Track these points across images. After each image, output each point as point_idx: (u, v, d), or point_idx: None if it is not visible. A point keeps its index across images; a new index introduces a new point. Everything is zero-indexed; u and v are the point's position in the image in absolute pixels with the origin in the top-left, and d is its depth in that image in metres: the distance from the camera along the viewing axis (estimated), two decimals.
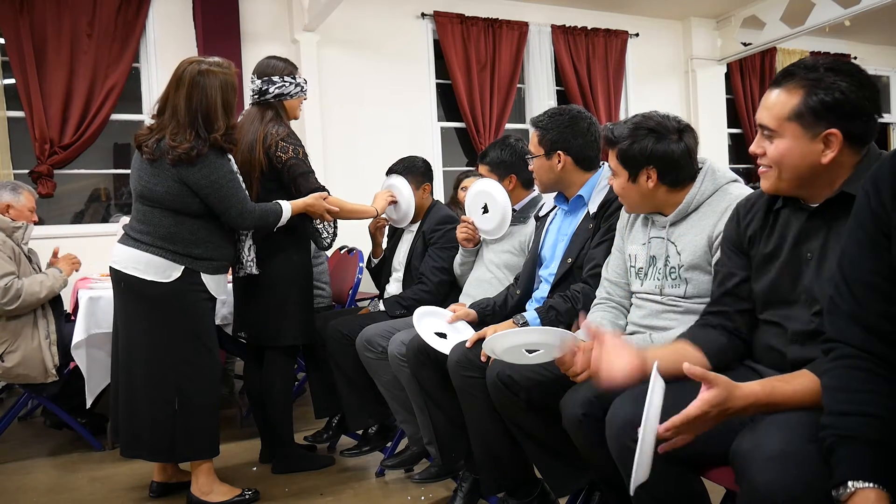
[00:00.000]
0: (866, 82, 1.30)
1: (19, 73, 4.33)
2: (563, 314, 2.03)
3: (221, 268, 2.47)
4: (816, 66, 1.32)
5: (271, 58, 2.72)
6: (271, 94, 2.64)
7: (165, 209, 2.33)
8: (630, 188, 1.77)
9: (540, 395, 1.81)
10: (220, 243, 2.43)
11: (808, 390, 1.19)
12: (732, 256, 1.53)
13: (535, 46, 5.94)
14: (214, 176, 2.31)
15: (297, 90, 2.69)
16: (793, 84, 1.32)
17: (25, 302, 2.93)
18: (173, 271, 2.32)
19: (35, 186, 4.33)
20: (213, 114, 2.31)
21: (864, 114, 1.28)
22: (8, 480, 2.85)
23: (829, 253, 1.31)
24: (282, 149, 2.58)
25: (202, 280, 2.38)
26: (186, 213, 2.34)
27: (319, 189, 2.63)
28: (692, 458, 1.41)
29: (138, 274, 2.32)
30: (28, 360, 2.95)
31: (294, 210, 2.56)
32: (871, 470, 1.00)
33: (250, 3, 4.99)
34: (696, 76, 6.61)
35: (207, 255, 2.38)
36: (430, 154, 5.47)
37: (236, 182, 2.38)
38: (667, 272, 1.74)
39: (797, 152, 1.32)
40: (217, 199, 2.33)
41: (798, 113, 1.30)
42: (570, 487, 2.00)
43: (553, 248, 2.23)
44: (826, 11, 5.71)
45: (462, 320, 2.34)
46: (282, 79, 2.64)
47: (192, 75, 2.30)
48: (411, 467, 2.72)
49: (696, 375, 1.15)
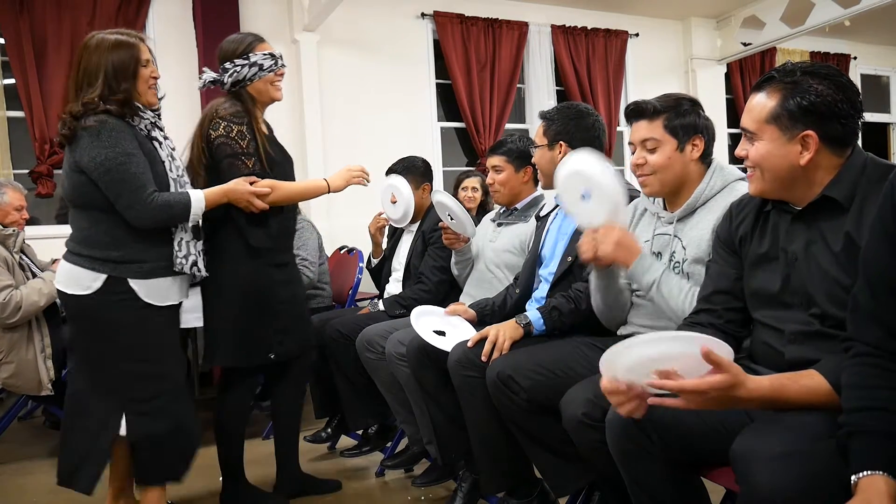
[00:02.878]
0: (844, 85, 1.32)
1: (19, 73, 4.32)
2: (566, 315, 2.03)
3: (155, 271, 2.06)
4: (794, 70, 1.35)
5: (227, 38, 2.32)
6: (227, 83, 2.27)
7: (77, 207, 2.06)
8: (676, 159, 1.75)
9: (540, 394, 1.81)
10: (147, 243, 2.05)
11: (814, 392, 1.19)
12: (724, 255, 1.54)
13: (535, 46, 5.93)
14: (101, 156, 1.94)
15: (255, 70, 2.26)
16: (772, 88, 1.36)
17: (26, 312, 2.87)
18: (94, 281, 2.00)
19: (35, 186, 4.33)
20: (92, 78, 2.00)
21: (840, 116, 1.30)
22: (8, 480, 2.85)
23: (813, 254, 1.33)
24: (213, 125, 2.20)
25: (131, 287, 2.02)
26: (95, 207, 2.01)
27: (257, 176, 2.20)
28: (692, 459, 1.41)
29: (62, 287, 2.05)
30: (22, 373, 2.91)
31: (210, 199, 2.12)
32: (879, 459, 1.01)
33: (250, 3, 4.99)
34: (696, 76, 6.61)
35: (130, 257, 2.02)
36: (430, 154, 5.47)
37: (132, 163, 1.97)
38: (670, 267, 1.75)
39: (776, 154, 1.35)
40: (105, 185, 1.96)
41: (775, 115, 1.34)
42: (570, 487, 1.99)
43: (553, 247, 2.23)
44: (826, 11, 5.71)
45: (460, 317, 2.34)
46: (233, 63, 2.25)
47: (78, 50, 2.06)
48: (411, 467, 2.72)
49: (713, 360, 1.14)
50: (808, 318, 1.33)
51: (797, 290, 1.36)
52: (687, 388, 1.16)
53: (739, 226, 1.51)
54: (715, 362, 1.14)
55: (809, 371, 1.22)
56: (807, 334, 1.33)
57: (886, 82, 8.03)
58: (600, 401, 1.53)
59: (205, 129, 2.24)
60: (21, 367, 2.91)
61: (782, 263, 1.39)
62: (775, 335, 1.39)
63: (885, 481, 0.99)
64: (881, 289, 1.12)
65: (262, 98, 2.31)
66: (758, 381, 1.19)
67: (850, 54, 7.48)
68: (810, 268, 1.33)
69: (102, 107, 1.99)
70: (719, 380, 1.15)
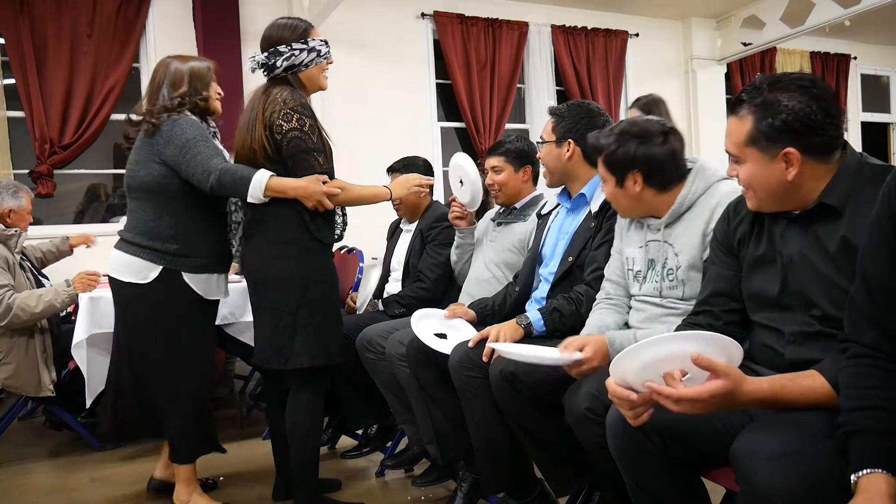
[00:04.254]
0: (818, 93, 1.30)
1: (19, 73, 4.33)
2: (567, 317, 2.03)
3: (207, 266, 2.27)
4: (761, 87, 1.34)
5: (277, 21, 2.22)
6: (280, 67, 2.16)
7: (147, 200, 2.23)
8: (619, 193, 1.80)
9: (543, 391, 1.81)
10: (203, 239, 2.25)
11: (815, 392, 1.19)
12: (721, 256, 1.54)
13: (535, 46, 5.93)
14: (185, 138, 2.15)
15: (314, 56, 2.19)
16: (743, 110, 1.35)
17: (18, 318, 2.81)
18: (151, 272, 2.19)
19: (35, 186, 4.33)
20: (177, 80, 2.25)
21: (816, 127, 1.29)
22: (8, 481, 2.85)
23: (809, 257, 1.33)
24: (285, 116, 2.10)
25: (185, 280, 2.22)
26: (167, 197, 2.20)
27: (323, 173, 2.16)
28: (693, 459, 1.41)
29: (117, 276, 2.24)
30: (21, 374, 2.91)
31: (276, 187, 2.10)
32: (878, 457, 1.01)
33: (250, 3, 4.99)
34: (696, 76, 6.60)
35: (187, 251, 2.21)
36: (430, 154, 5.47)
37: (207, 142, 2.17)
38: (664, 274, 1.74)
39: (762, 174, 1.35)
40: (186, 163, 2.14)
41: (752, 138, 1.34)
42: (571, 487, 2.00)
43: (554, 246, 2.23)
44: (826, 11, 5.71)
45: (461, 319, 2.34)
46: (289, 47, 2.16)
47: (160, 63, 2.33)
48: (411, 467, 2.72)
49: (703, 365, 1.14)
50: (808, 318, 1.33)
51: (796, 293, 1.35)
52: (685, 396, 1.16)
53: (738, 227, 1.51)
54: (708, 367, 1.15)
55: (810, 371, 1.22)
56: (807, 335, 1.33)
57: (886, 82, 8.02)
58: (603, 396, 1.53)
59: (270, 118, 2.11)
60: (20, 368, 2.91)
61: (779, 266, 1.39)
62: (775, 336, 1.39)
63: (885, 479, 0.99)
64: (878, 291, 1.12)
65: (312, 86, 2.25)
66: (757, 383, 1.19)
67: (850, 54, 7.48)
68: (807, 271, 1.33)
69: (188, 103, 2.23)
70: (717, 386, 1.15)
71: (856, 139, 7.71)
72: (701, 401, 1.15)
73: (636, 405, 1.26)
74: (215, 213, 2.31)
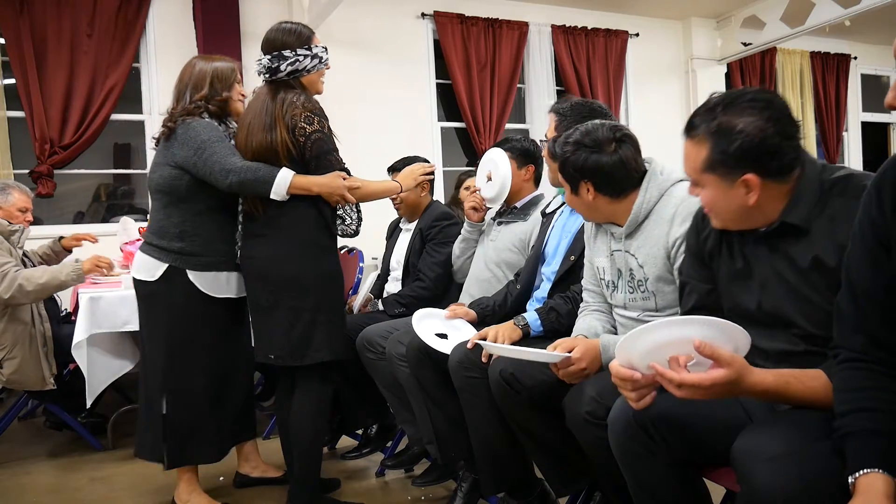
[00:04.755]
0: (774, 113, 1.27)
1: (19, 73, 4.33)
2: (563, 316, 2.03)
3: (214, 265, 2.29)
4: (715, 109, 1.30)
5: (281, 25, 2.27)
6: (283, 71, 2.22)
7: (159, 201, 2.31)
8: (575, 200, 1.83)
9: (542, 393, 1.81)
10: (212, 238, 2.29)
11: (818, 394, 1.19)
12: (696, 266, 1.52)
13: (535, 46, 5.93)
14: (200, 139, 2.19)
15: (316, 63, 2.26)
16: (698, 136, 1.33)
17: (22, 290, 2.79)
18: (157, 269, 2.26)
19: (35, 186, 4.33)
20: (200, 82, 2.30)
21: (773, 150, 1.26)
22: (8, 480, 2.85)
23: (782, 275, 1.32)
24: (306, 119, 2.17)
25: (189, 278, 2.25)
26: (177, 198, 2.26)
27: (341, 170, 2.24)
28: (694, 458, 1.41)
29: (133, 273, 2.35)
30: (25, 368, 2.92)
31: (299, 185, 2.16)
32: (875, 457, 1.01)
33: (250, 3, 4.99)
34: (697, 76, 6.61)
35: (192, 250, 2.25)
36: (430, 154, 5.47)
37: (223, 142, 2.21)
38: (635, 285, 1.75)
39: (722, 199, 1.34)
40: (203, 163, 2.18)
41: (709, 165, 1.31)
42: (571, 488, 2.00)
43: (557, 244, 2.23)
44: (826, 11, 5.71)
45: (461, 319, 2.34)
46: (294, 52, 2.22)
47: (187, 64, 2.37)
48: (411, 467, 2.72)
49: (707, 353, 1.14)
50: (791, 337, 1.33)
51: (772, 312, 1.35)
52: (687, 382, 1.15)
53: (707, 240, 1.49)
54: (711, 356, 1.14)
55: (817, 372, 1.21)
56: (793, 354, 1.31)
57: (886, 82, 8.02)
58: (604, 399, 1.54)
59: (292, 121, 2.16)
60: (24, 363, 2.92)
61: (756, 282, 1.38)
62: (761, 354, 1.37)
63: (882, 479, 0.99)
64: (862, 298, 1.12)
65: (312, 90, 2.30)
66: (762, 376, 1.18)
67: (850, 54, 7.48)
68: (781, 289, 1.33)
69: (204, 107, 2.27)
70: (720, 375, 1.14)
71: (856, 139, 7.72)
72: (702, 388, 1.14)
73: (639, 386, 1.25)
74: (224, 213, 2.32)
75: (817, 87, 7.31)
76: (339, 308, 2.32)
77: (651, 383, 1.25)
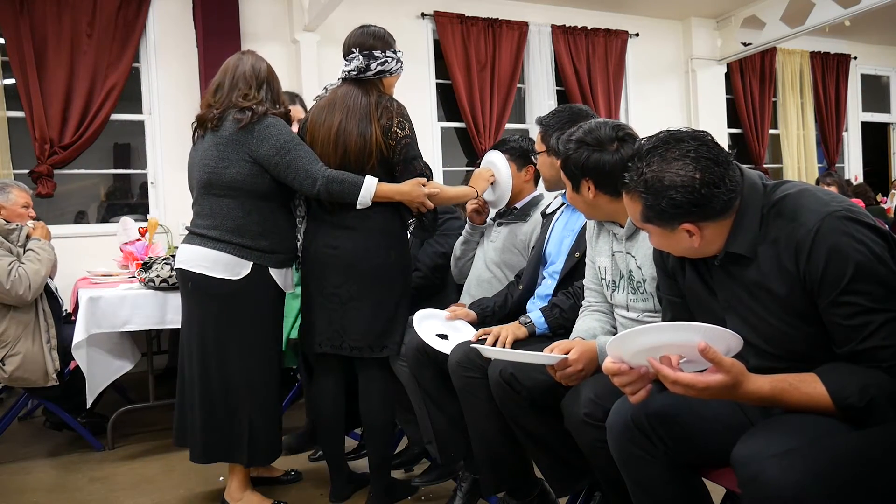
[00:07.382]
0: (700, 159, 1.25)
1: (19, 73, 4.33)
2: (566, 311, 2.04)
3: (287, 261, 2.34)
4: (644, 159, 1.30)
5: (368, 29, 2.41)
6: (373, 70, 2.32)
7: (234, 198, 2.22)
8: (576, 198, 1.83)
9: (542, 393, 1.81)
10: (286, 234, 2.32)
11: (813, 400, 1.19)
12: (666, 280, 1.54)
13: (535, 46, 5.94)
14: (282, 140, 2.18)
15: (399, 66, 2.41)
16: (630, 191, 1.35)
17: (36, 283, 2.87)
18: (242, 268, 2.22)
19: (35, 186, 4.33)
20: (260, 82, 2.27)
21: (706, 199, 1.25)
22: (8, 480, 2.85)
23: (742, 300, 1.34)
24: (399, 124, 2.27)
25: (271, 275, 2.27)
26: (255, 196, 2.23)
27: (422, 175, 2.31)
28: (693, 459, 1.42)
29: (206, 272, 2.22)
30: (28, 364, 2.92)
31: (383, 193, 2.24)
32: None
33: (250, 4, 4.99)
34: (696, 76, 6.61)
35: (273, 247, 2.26)
36: (431, 154, 5.48)
37: (303, 146, 2.23)
38: (634, 286, 1.76)
39: (667, 243, 1.37)
40: (286, 165, 2.18)
41: (646, 218, 1.34)
42: (571, 488, 2.00)
43: (559, 244, 2.23)
44: (826, 11, 5.71)
45: (461, 319, 2.34)
46: (384, 53, 2.35)
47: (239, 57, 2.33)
48: (411, 467, 2.72)
49: (710, 358, 1.16)
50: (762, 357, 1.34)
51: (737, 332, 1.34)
52: (682, 381, 1.17)
53: (668, 257, 1.50)
54: (713, 360, 1.15)
55: (812, 377, 1.22)
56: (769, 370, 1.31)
57: (886, 82, 8.03)
58: (602, 400, 1.54)
59: (387, 124, 2.26)
60: (28, 359, 2.92)
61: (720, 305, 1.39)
62: None
63: None
64: None
65: (389, 92, 2.40)
66: (758, 383, 1.19)
67: (850, 54, 7.48)
68: (742, 314, 1.34)
69: (274, 110, 2.25)
70: (717, 380, 1.16)
71: (855, 139, 7.72)
72: (697, 389, 1.17)
73: (631, 380, 1.28)
74: (287, 209, 2.36)
75: (817, 87, 7.31)
76: (410, 302, 2.40)
77: (643, 376, 1.27)
